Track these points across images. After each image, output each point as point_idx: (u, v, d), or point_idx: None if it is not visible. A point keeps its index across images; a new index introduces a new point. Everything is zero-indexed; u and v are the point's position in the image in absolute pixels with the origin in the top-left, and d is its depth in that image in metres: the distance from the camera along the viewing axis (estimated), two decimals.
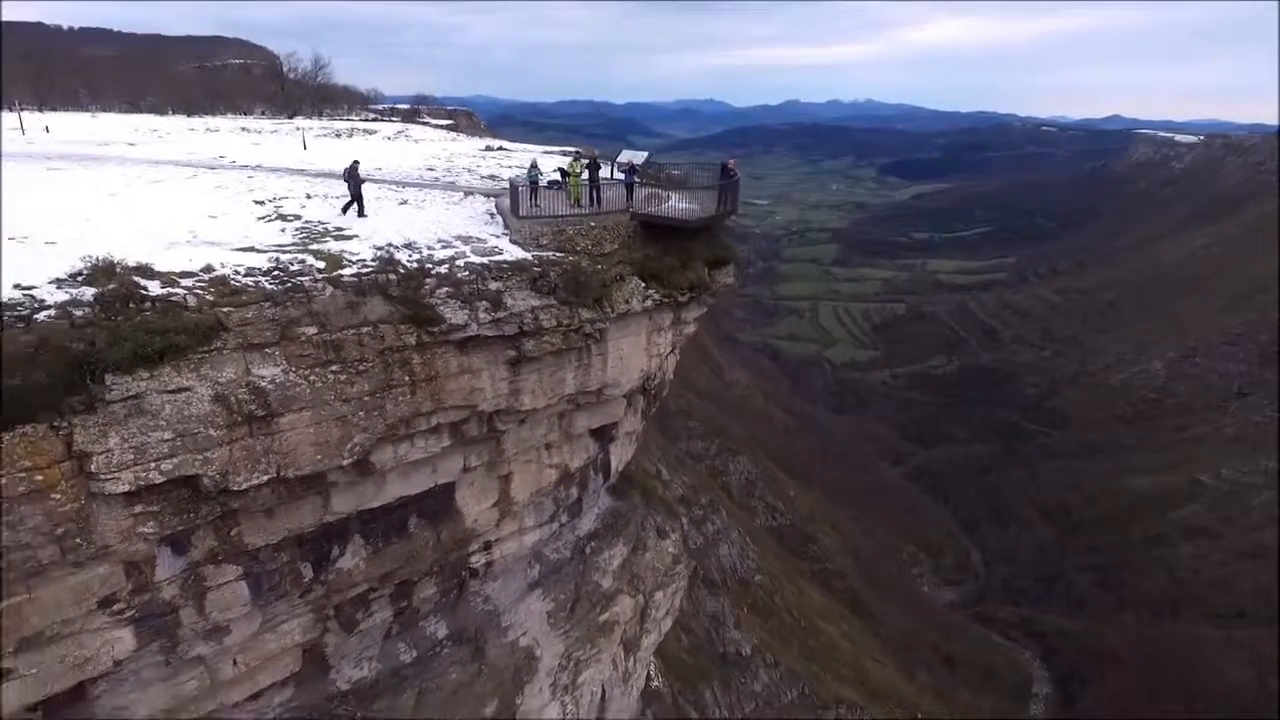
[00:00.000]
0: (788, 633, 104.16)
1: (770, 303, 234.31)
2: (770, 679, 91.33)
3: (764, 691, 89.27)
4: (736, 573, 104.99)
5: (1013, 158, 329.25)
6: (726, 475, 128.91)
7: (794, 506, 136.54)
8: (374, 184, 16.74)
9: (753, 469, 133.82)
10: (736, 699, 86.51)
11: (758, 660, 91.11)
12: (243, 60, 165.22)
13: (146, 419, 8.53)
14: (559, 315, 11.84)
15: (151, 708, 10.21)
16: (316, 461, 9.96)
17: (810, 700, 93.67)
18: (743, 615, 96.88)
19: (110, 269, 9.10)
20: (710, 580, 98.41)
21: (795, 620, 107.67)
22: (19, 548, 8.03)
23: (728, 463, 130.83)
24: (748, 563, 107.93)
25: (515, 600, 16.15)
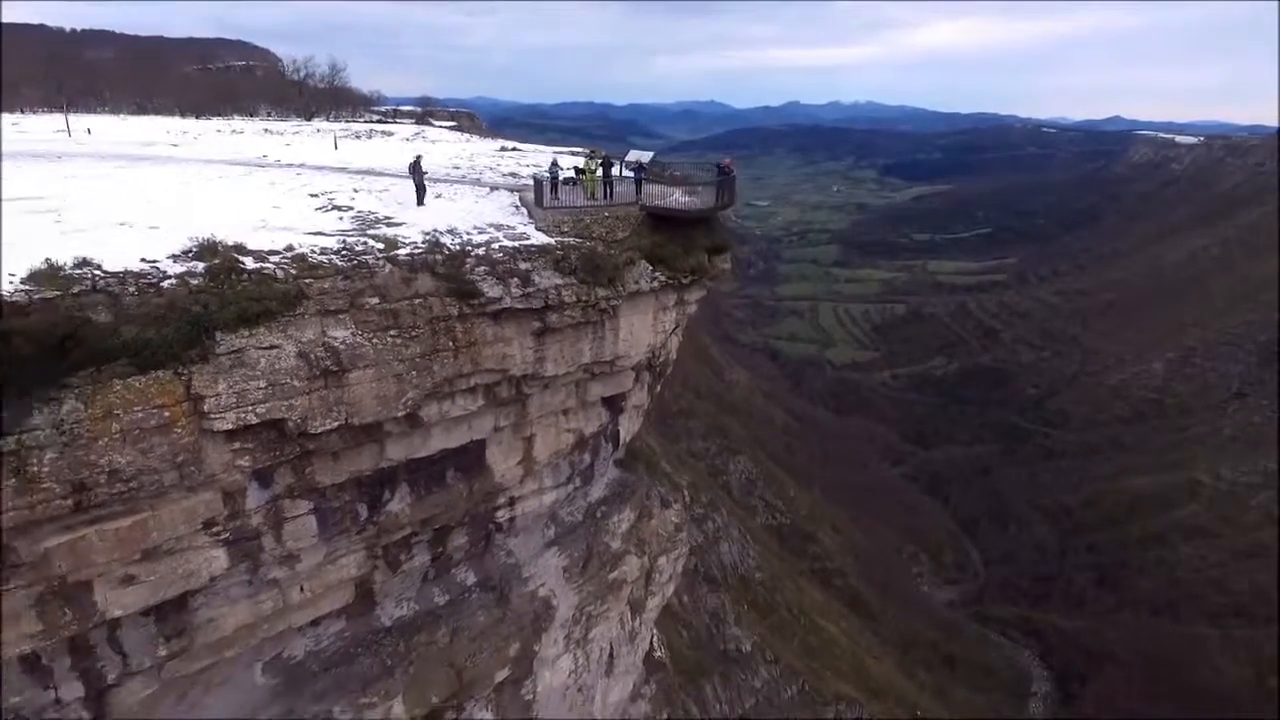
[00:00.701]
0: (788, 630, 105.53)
1: (770, 303, 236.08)
2: (770, 675, 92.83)
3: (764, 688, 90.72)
4: (737, 570, 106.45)
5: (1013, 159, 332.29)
6: (727, 474, 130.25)
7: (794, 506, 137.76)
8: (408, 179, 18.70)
9: (753, 468, 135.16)
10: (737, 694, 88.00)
11: (758, 657, 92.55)
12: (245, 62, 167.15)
13: (246, 370, 10.51)
14: (578, 292, 13.87)
15: (236, 622, 12.19)
16: (377, 411, 11.96)
17: (810, 697, 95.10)
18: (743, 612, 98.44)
19: (214, 247, 11.10)
20: (711, 577, 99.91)
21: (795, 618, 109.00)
22: (149, 471, 9.99)
23: (728, 462, 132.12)
24: (748, 560, 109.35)
25: (534, 555, 18.15)
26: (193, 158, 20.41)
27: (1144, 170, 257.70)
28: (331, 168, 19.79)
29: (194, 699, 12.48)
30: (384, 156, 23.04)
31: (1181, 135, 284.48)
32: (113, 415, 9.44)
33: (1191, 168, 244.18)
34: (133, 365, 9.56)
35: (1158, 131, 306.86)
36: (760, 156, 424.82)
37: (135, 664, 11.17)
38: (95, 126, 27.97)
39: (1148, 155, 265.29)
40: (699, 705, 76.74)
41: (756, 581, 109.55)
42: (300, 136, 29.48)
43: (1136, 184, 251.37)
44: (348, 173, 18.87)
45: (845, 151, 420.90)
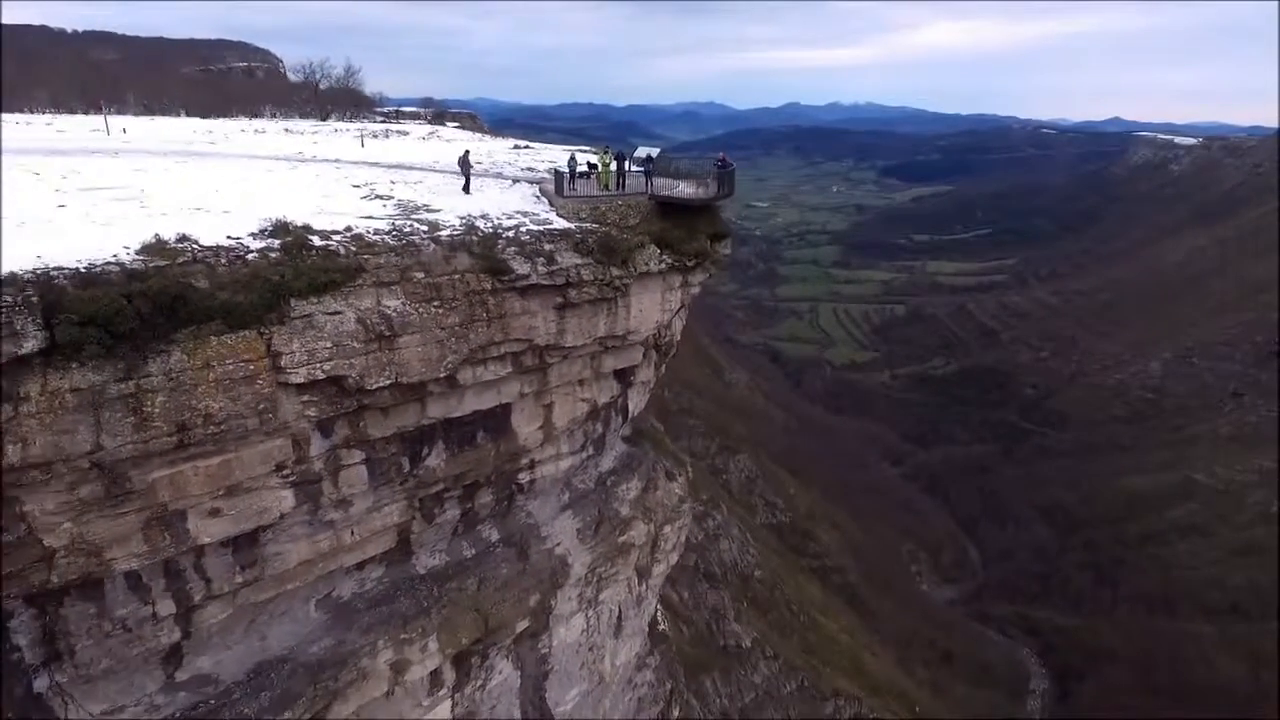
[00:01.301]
0: (787, 627, 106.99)
1: (770, 304, 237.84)
2: (770, 671, 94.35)
3: (764, 683, 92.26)
4: (737, 568, 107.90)
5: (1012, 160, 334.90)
6: (727, 473, 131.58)
7: (794, 504, 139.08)
8: (438, 173, 20.59)
9: (753, 467, 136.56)
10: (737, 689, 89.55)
11: (757, 653, 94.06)
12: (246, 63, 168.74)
13: (315, 332, 12.35)
14: (595, 271, 15.75)
15: (298, 557, 14.03)
16: (421, 372, 13.81)
17: (809, 692, 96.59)
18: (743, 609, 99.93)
19: (286, 227, 12.94)
20: (711, 574, 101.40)
21: (795, 615, 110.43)
22: (236, 416, 11.82)
23: (728, 461, 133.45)
24: (748, 558, 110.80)
25: (551, 517, 20.02)
26: (235, 154, 22.29)
27: (1143, 171, 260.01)
28: (365, 163, 21.67)
29: (260, 626, 14.31)
30: (408, 153, 24.97)
31: (1181, 136, 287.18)
32: (209, 366, 11.28)
33: (1190, 169, 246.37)
34: (225, 325, 11.41)
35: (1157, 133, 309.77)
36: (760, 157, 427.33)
37: (216, 588, 13.00)
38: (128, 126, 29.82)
39: (1147, 156, 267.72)
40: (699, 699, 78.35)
41: (756, 579, 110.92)
42: (323, 135, 31.40)
43: (1136, 185, 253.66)
44: (380, 167, 20.74)
45: (845, 152, 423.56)
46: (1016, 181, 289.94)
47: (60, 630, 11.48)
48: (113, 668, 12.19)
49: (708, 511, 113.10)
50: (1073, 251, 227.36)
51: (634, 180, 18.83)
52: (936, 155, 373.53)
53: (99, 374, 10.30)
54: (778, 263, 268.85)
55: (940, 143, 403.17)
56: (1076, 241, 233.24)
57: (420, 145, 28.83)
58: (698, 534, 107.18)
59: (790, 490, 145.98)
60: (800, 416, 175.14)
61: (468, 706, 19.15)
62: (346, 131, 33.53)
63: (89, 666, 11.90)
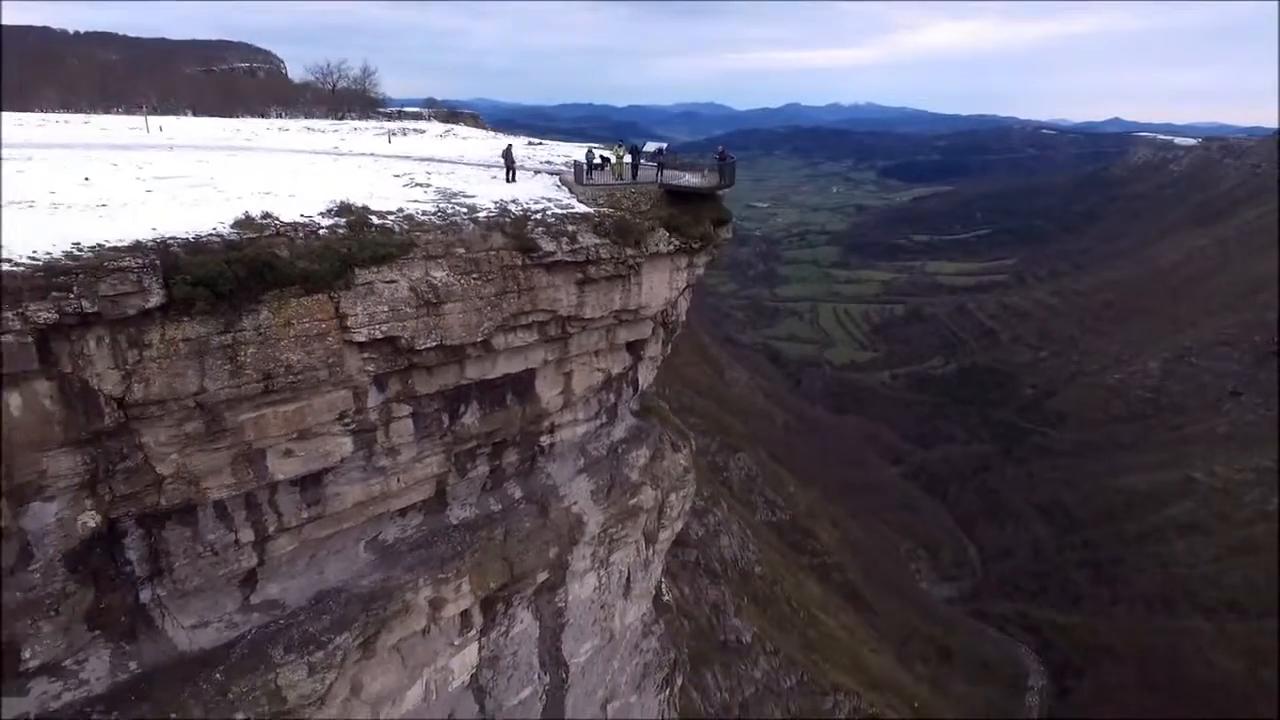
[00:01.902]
0: (787, 623, 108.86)
1: (770, 304, 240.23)
2: (770, 666, 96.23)
3: (764, 678, 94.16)
4: (737, 564, 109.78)
5: (1012, 161, 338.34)
6: (727, 471, 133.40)
7: (793, 502, 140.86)
8: (466, 165, 22.77)
9: (753, 465, 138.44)
10: (737, 683, 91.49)
11: (757, 648, 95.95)
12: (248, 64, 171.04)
13: (375, 297, 14.50)
14: (612, 250, 17.93)
15: (354, 499, 16.18)
16: (462, 336, 15.97)
17: (809, 687, 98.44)
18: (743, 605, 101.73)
19: (349, 207, 15.09)
20: (711, 570, 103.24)
21: (794, 611, 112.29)
22: (310, 369, 13.96)
23: (728, 459, 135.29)
24: (748, 554, 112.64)
25: (568, 479, 22.19)
26: (274, 148, 24.46)
27: (1142, 172, 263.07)
28: (396, 156, 23.87)
29: (319, 560, 16.45)
30: (432, 149, 27.20)
31: (1180, 137, 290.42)
32: (290, 324, 13.42)
33: (1189, 169, 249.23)
34: (302, 289, 13.55)
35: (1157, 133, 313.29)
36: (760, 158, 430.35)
37: (285, 522, 15.13)
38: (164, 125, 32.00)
39: (1146, 157, 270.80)
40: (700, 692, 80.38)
41: (756, 575, 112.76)
42: (345, 133, 33.63)
43: (1135, 185, 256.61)
44: (411, 160, 22.93)
45: (845, 153, 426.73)
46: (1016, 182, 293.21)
47: (162, 550, 13.62)
48: (201, 586, 14.33)
49: (708, 508, 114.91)
50: (1072, 251, 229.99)
51: (645, 171, 21.07)
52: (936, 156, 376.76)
53: (204, 327, 12.47)
54: (777, 263, 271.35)
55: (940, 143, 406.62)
56: (1076, 241, 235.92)
57: (440, 142, 31.08)
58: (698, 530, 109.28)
59: (790, 488, 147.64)
60: (800, 416, 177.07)
61: (493, 650, 21.32)
62: (366, 130, 35.75)
63: (183, 583, 14.04)
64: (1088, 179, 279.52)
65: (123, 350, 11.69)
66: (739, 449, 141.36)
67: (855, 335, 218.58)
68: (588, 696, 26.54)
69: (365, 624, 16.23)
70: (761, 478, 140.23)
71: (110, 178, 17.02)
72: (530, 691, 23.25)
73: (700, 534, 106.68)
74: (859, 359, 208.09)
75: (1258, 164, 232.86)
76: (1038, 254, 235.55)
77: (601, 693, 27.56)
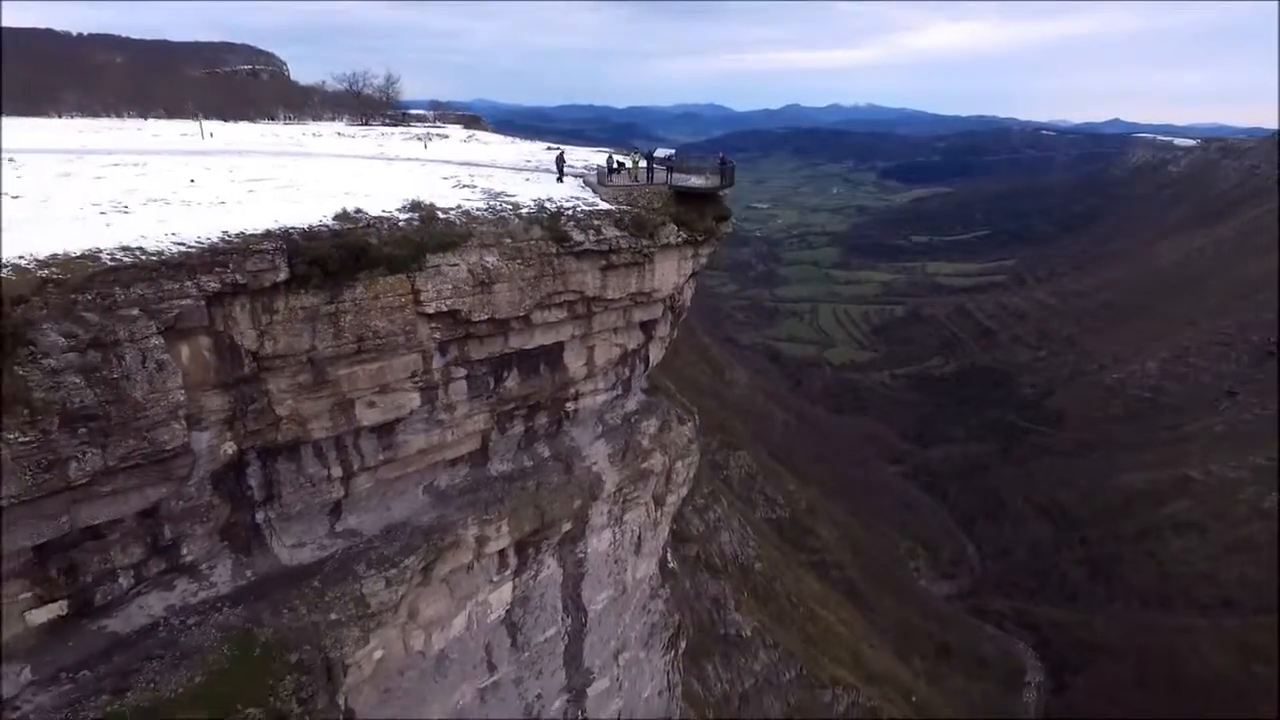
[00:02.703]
0: (787, 617, 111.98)
1: (771, 305, 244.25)
2: (769, 659, 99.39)
3: (763, 670, 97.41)
4: (737, 559, 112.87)
5: (1012, 161, 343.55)
6: (727, 469, 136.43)
7: (793, 500, 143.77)
8: (500, 169, 26.42)
9: (753, 464, 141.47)
10: (737, 675, 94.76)
11: (757, 641, 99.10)
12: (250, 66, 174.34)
13: (441, 277, 18.14)
14: (629, 241, 21.61)
15: (418, 446, 19.85)
16: (508, 311, 19.65)
17: (808, 681, 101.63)
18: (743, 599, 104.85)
19: (419, 204, 18.73)
20: (712, 565, 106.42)
21: (794, 606, 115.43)
22: (391, 335, 17.58)
23: (728, 457, 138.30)
24: (748, 550, 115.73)
25: (589, 442, 25.88)
26: (328, 153, 28.10)
27: (1141, 173, 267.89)
28: (437, 161, 27.49)
29: (388, 499, 20.10)
30: (465, 154, 30.87)
31: (1180, 138, 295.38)
32: (378, 297, 17.05)
33: (1188, 170, 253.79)
34: (387, 269, 17.18)
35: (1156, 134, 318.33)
36: (760, 159, 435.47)
37: (366, 462, 18.76)
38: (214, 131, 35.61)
39: (1145, 158, 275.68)
40: (701, 683, 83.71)
41: (756, 571, 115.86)
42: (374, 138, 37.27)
43: (1134, 186, 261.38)
44: (453, 164, 26.54)
45: (845, 154, 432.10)
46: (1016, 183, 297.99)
47: (274, 479, 17.24)
48: (301, 512, 17.98)
49: (709, 504, 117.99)
50: (1071, 252, 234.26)
51: (657, 174, 24.80)
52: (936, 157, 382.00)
53: (315, 298, 16.12)
54: (778, 264, 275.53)
55: (940, 144, 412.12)
56: (1075, 242, 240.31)
57: (468, 147, 34.77)
58: (699, 525, 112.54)
59: (790, 487, 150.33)
60: (800, 415, 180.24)
61: (523, 591, 24.99)
62: (393, 135, 39.37)
63: (288, 508, 17.68)
64: (1087, 180, 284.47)
65: (259, 315, 15.35)
66: (739, 447, 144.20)
67: (855, 336, 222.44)
68: (603, 643, 30.20)
69: (426, 551, 19.89)
70: (761, 476, 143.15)
71: (210, 180, 20.69)
72: (554, 631, 26.91)
73: (701, 529, 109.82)
74: (859, 359, 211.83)
75: (1256, 165, 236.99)
76: (1037, 254, 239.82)
77: (614, 643, 31.23)
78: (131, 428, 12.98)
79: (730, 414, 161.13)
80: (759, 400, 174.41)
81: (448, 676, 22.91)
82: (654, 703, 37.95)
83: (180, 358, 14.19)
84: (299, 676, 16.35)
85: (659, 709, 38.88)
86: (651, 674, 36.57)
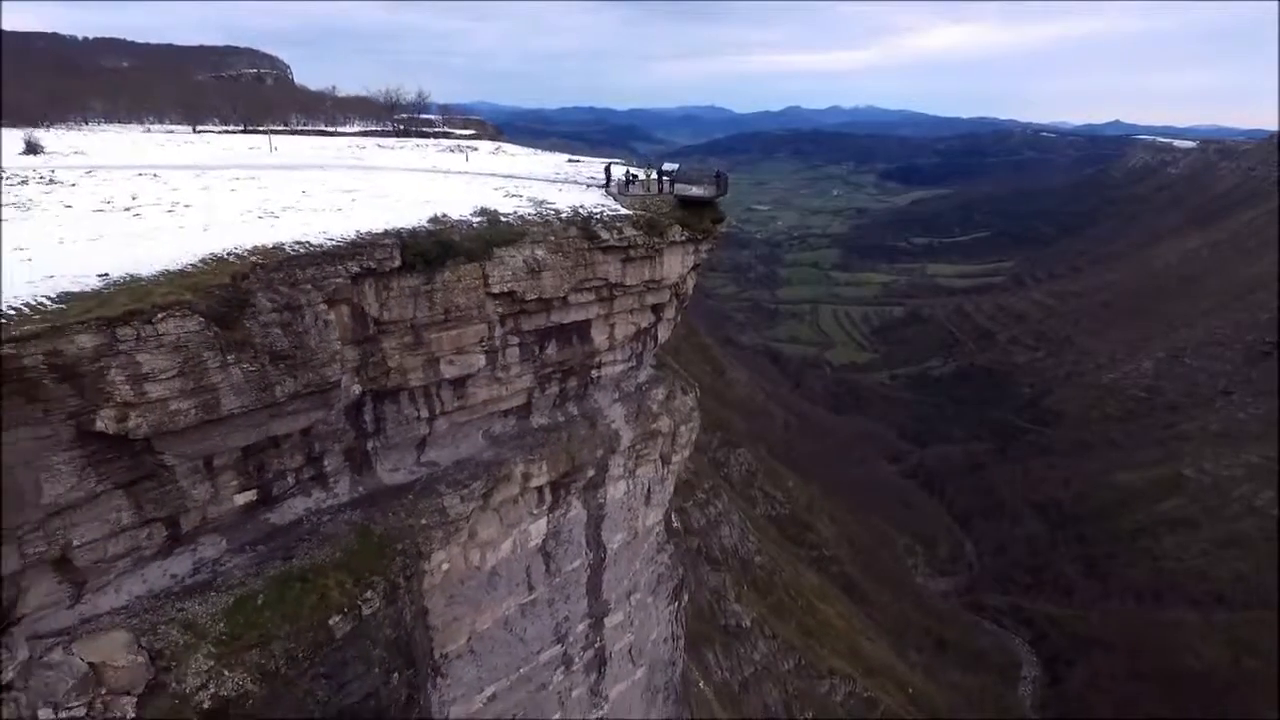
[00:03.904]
0: (785, 610, 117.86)
1: (771, 306, 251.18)
2: (769, 649, 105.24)
3: (762, 660, 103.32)
4: (738, 553, 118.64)
5: (1012, 163, 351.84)
6: (727, 467, 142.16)
7: (793, 497, 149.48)
8: (537, 181, 32.87)
9: (753, 461, 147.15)
10: (737, 663, 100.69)
11: (756, 632, 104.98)
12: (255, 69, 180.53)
13: (504, 265, 24.57)
14: (644, 239, 28.07)
15: (481, 397, 26.31)
16: (551, 293, 26.14)
17: (806, 670, 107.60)
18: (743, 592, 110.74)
19: (486, 210, 25.13)
20: (712, 558, 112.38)
21: (793, 599, 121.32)
22: (467, 309, 24.01)
23: (728, 455, 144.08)
24: (748, 544, 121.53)
25: (609, 404, 32.33)
26: (392, 166, 34.57)
27: (1140, 174, 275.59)
28: (482, 174, 33.93)
29: (457, 440, 26.52)
30: (503, 165, 37.47)
31: (1180, 140, 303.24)
32: (460, 280, 23.47)
33: (1186, 172, 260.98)
34: (465, 259, 23.59)
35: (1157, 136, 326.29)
36: (761, 161, 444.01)
37: (445, 407, 25.17)
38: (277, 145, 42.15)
39: (1144, 160, 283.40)
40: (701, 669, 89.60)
41: (756, 565, 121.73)
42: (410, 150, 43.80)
43: (1132, 188, 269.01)
44: (499, 177, 32.96)
45: (846, 156, 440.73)
46: (1016, 185, 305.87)
47: (380, 416, 23.65)
48: (398, 444, 24.39)
49: (709, 499, 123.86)
50: (1069, 253, 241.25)
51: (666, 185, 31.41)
52: (936, 158, 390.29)
53: (417, 280, 22.56)
54: (778, 266, 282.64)
55: (940, 146, 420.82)
56: (1073, 244, 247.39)
57: (500, 159, 41.32)
58: (700, 519, 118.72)
59: (789, 484, 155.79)
60: (800, 415, 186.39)
61: (555, 526, 31.40)
62: (429, 147, 45.87)
63: (389, 440, 24.10)
64: (1086, 182, 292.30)
65: (380, 291, 21.82)
66: (739, 445, 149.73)
67: (855, 337, 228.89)
68: (617, 581, 36.60)
69: (486, 480, 26.33)
70: (761, 473, 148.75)
71: (316, 191, 27.23)
72: (579, 563, 33.33)
73: (701, 523, 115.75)
74: (859, 360, 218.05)
75: (1253, 167, 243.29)
76: (1036, 256, 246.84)
77: (627, 582, 37.62)
78: (309, 365, 19.38)
79: (731, 413, 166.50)
80: (759, 399, 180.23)
81: (497, 590, 29.30)
82: (660, 648, 44.37)
83: (334, 320, 20.60)
84: (403, 560, 22.82)
85: (665, 654, 45.34)
86: (658, 620, 42.97)
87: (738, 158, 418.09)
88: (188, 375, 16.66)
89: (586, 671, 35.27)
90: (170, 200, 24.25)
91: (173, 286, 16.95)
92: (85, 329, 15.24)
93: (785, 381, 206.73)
